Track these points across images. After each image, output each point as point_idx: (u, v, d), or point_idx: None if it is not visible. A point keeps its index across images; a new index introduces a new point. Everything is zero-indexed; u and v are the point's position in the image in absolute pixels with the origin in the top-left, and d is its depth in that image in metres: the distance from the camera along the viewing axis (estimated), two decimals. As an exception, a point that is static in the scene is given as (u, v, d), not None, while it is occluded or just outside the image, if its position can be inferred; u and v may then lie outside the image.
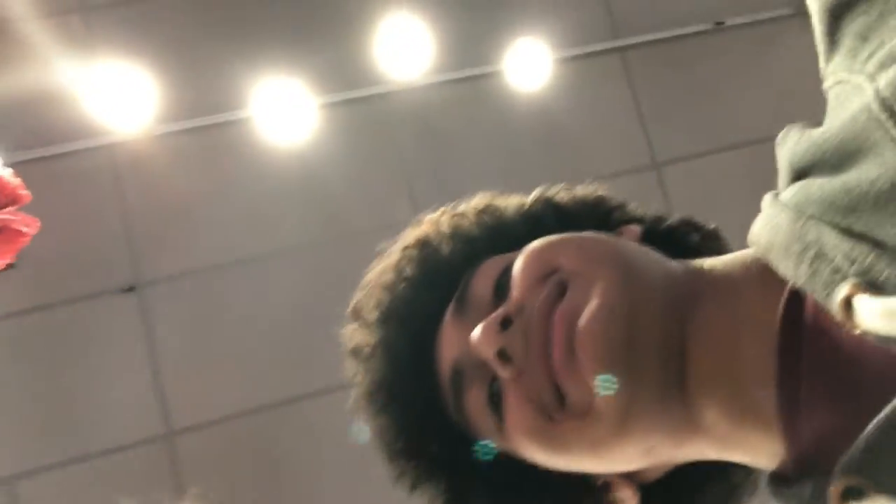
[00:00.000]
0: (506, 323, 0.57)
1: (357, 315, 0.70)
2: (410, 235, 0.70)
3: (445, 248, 0.67)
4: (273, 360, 1.99)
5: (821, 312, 0.47)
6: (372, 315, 0.67)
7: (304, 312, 2.02)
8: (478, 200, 0.72)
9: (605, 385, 0.53)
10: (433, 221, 0.71)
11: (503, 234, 0.67)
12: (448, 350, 0.63)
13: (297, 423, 1.97)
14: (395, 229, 2.33)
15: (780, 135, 0.57)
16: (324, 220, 2.09)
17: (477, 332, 0.57)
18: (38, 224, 1.45)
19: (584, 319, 0.54)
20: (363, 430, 0.68)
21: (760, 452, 0.54)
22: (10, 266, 1.67)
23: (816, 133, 0.51)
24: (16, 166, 1.86)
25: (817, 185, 0.49)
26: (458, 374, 0.62)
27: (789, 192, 0.52)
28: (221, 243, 2.03)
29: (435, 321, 0.65)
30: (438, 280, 0.65)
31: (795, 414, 0.50)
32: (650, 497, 0.63)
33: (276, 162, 2.08)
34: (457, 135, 2.20)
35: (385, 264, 0.70)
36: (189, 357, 1.96)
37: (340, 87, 2.13)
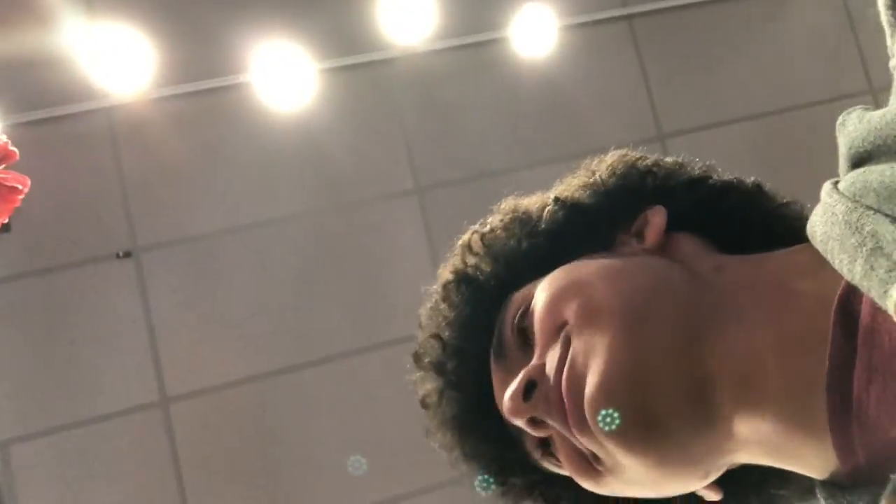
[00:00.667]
0: (530, 387, 0.56)
1: (419, 362, 0.70)
2: (448, 268, 0.70)
3: (483, 277, 0.66)
4: (270, 328, 1.98)
5: (878, 313, 0.44)
6: (430, 364, 0.68)
7: (302, 281, 2.01)
8: (503, 209, 0.70)
9: (622, 458, 0.52)
10: (465, 243, 0.69)
11: (532, 254, 0.65)
12: (500, 397, 0.63)
13: (292, 393, 1.96)
14: (395, 198, 2.30)
15: (840, 117, 0.53)
16: (323, 188, 2.06)
17: (506, 402, 0.57)
18: (29, 183, 1.43)
19: (588, 391, 0.52)
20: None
21: (813, 462, 0.51)
22: (3, 229, 1.66)
23: (877, 116, 0.47)
24: (12, 128, 1.84)
25: (877, 173, 0.45)
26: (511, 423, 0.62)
27: (847, 181, 0.49)
28: (219, 209, 2.01)
29: (488, 358, 0.65)
30: (481, 318, 0.65)
31: (847, 425, 0.47)
32: (732, 481, 0.61)
33: (275, 127, 2.05)
34: (460, 102, 2.16)
35: (431, 305, 0.70)
36: (185, 324, 1.95)
37: (341, 52, 2.09)
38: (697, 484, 0.57)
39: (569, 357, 0.54)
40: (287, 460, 1.94)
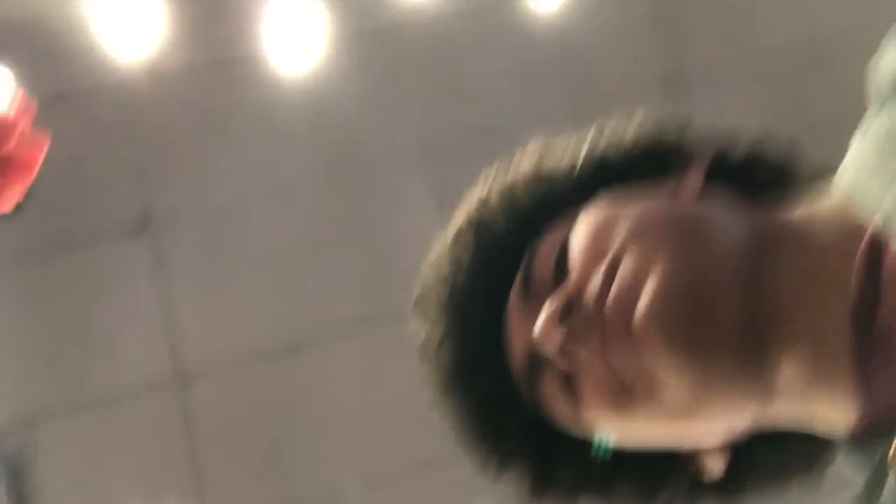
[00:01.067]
0: (565, 312, 0.55)
1: (420, 309, 0.66)
2: (461, 217, 0.66)
3: (500, 228, 0.64)
4: (287, 299, 1.99)
5: None
6: (435, 309, 0.64)
7: (318, 247, 2.02)
8: (526, 158, 0.67)
9: (670, 373, 0.52)
10: (482, 196, 0.66)
11: (557, 203, 0.63)
12: (518, 339, 0.61)
13: (309, 368, 1.98)
14: (408, 160, 2.28)
15: (874, 60, 0.52)
16: (337, 153, 2.06)
17: (538, 326, 0.56)
18: (48, 140, 1.45)
19: (640, 312, 0.51)
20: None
21: (837, 416, 0.52)
22: (17, 208, 1.66)
23: None
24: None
25: None
26: (532, 361, 0.60)
27: (877, 122, 0.48)
28: (234, 178, 2.01)
29: (500, 306, 0.62)
30: (497, 264, 0.63)
31: (868, 372, 0.47)
32: (736, 458, 0.61)
33: (288, 93, 2.04)
34: (471, 61, 2.13)
35: (440, 253, 0.66)
36: (201, 297, 1.96)
37: (352, 16, 2.07)
38: (719, 431, 0.57)
39: (619, 273, 0.53)
40: (305, 435, 1.96)
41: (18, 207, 1.67)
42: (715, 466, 0.61)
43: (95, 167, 1.96)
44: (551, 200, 0.63)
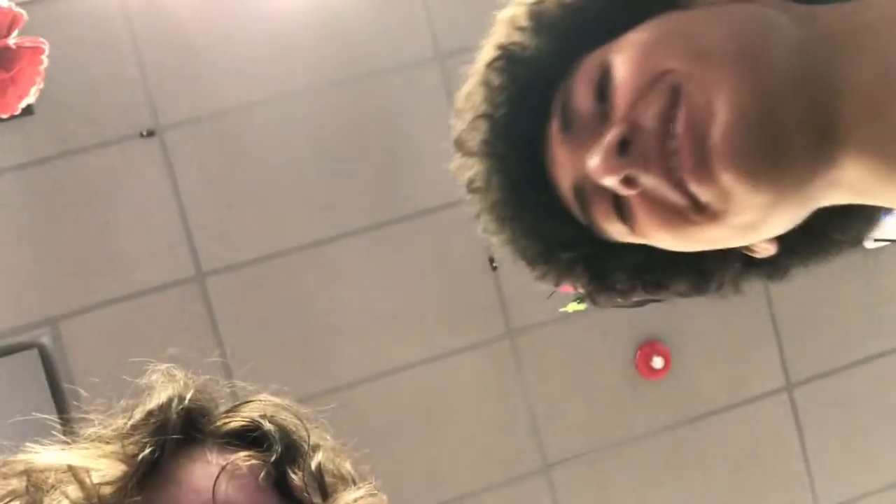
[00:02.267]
0: (623, 145, 0.53)
1: (461, 146, 0.65)
2: (491, 45, 0.63)
3: (532, 51, 0.60)
4: (296, 202, 2.00)
5: None
6: (475, 144, 0.63)
7: (325, 153, 2.01)
8: None
9: (753, 181, 0.50)
10: (510, 20, 0.62)
11: (592, 19, 0.59)
12: (564, 171, 0.60)
13: (321, 265, 2.00)
14: (416, 66, 2.23)
15: None
16: (342, 59, 2.02)
17: (596, 162, 0.54)
18: (46, 44, 1.45)
19: (717, 135, 0.50)
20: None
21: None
22: (27, 111, 1.65)
23: None
24: (23, 6, 1.82)
25: None
26: (579, 192, 0.60)
27: None
28: (240, 83, 1.98)
29: (541, 134, 0.61)
30: (534, 90, 0.60)
31: None
32: (788, 237, 0.60)
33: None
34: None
35: (473, 86, 0.64)
36: (213, 199, 1.97)
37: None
38: (779, 231, 0.57)
39: (683, 103, 0.51)
40: (318, 328, 2.00)
41: (29, 110, 1.66)
42: (769, 248, 0.61)
43: (100, 71, 1.93)
44: (585, 15, 0.60)
